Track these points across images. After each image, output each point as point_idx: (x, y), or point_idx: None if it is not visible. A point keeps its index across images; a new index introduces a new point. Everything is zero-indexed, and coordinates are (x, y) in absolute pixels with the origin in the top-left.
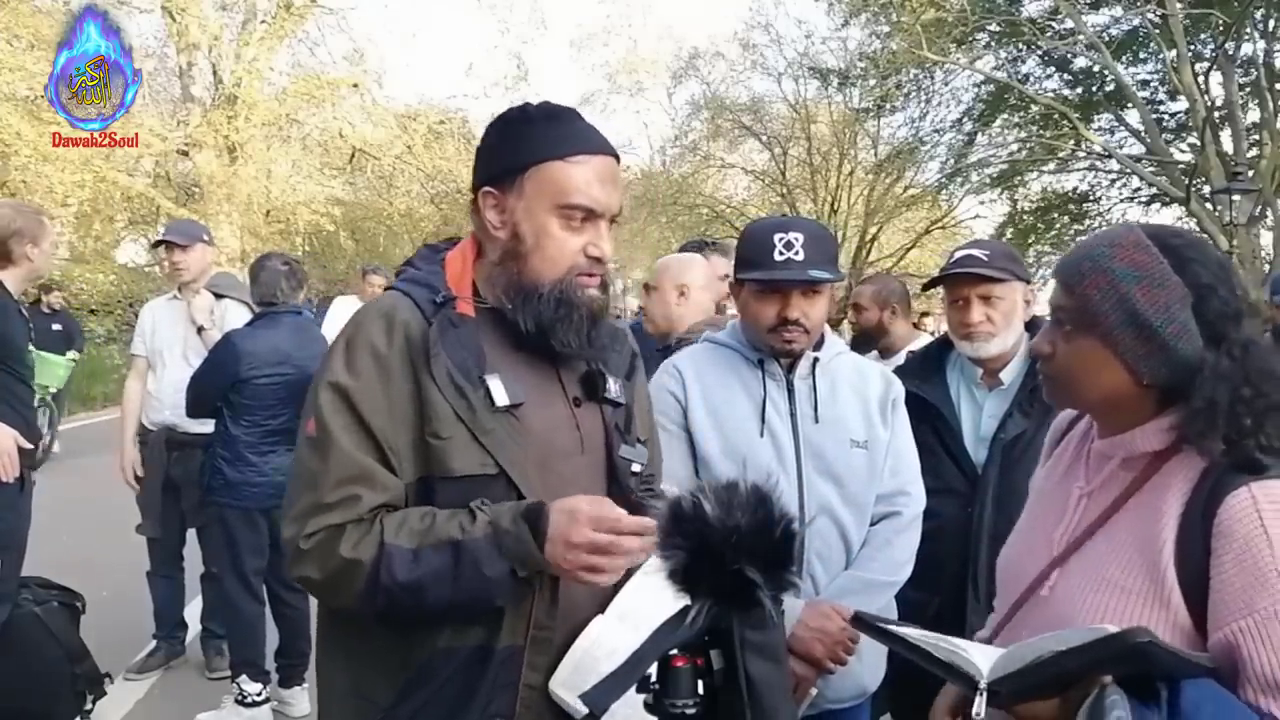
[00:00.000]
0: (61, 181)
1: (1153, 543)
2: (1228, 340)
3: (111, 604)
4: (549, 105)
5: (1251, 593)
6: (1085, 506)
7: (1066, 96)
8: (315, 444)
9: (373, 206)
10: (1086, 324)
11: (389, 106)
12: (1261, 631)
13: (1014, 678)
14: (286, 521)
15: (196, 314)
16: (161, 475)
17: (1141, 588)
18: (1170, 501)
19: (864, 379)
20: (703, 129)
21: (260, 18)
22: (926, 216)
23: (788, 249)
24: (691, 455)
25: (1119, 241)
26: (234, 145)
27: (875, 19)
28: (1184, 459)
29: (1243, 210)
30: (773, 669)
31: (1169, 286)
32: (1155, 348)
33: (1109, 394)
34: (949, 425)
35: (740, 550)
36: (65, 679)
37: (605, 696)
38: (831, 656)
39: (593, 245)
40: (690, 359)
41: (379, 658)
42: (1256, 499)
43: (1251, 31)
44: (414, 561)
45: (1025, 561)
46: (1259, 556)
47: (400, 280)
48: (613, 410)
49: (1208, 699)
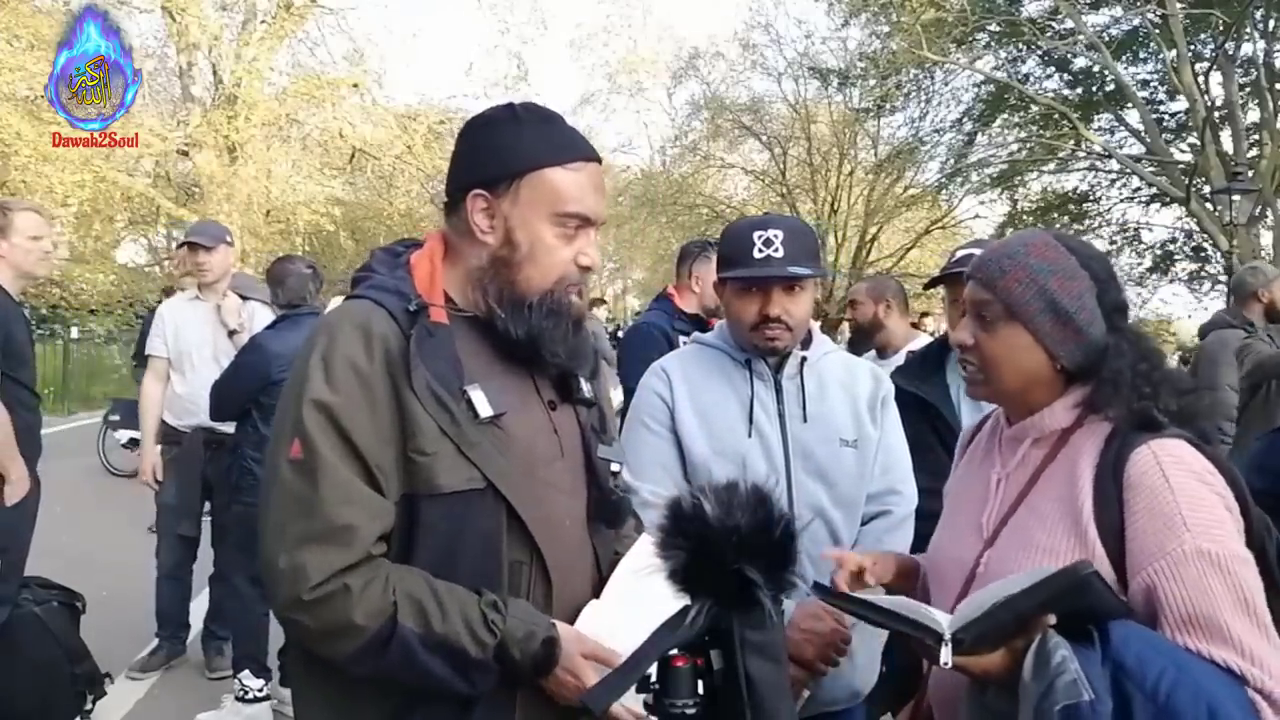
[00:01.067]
0: (61, 181)
1: (1072, 504)
2: (1121, 327)
3: (111, 604)
4: (537, 107)
5: (1162, 537)
6: (1005, 488)
7: (1066, 96)
8: (302, 467)
9: (373, 206)
10: (1009, 314)
11: (389, 106)
12: (1174, 571)
13: (975, 624)
14: (274, 547)
15: (228, 317)
16: (198, 475)
17: (1067, 547)
18: (1083, 466)
19: (853, 377)
20: (703, 129)
21: (260, 18)
22: (926, 216)
23: (767, 246)
24: (679, 457)
25: (1032, 242)
26: (234, 145)
27: (875, 19)
28: (1089, 429)
29: (1243, 210)
30: (773, 669)
31: (1079, 278)
32: (1071, 332)
33: (1029, 377)
34: (948, 425)
35: (740, 550)
36: (65, 679)
37: (605, 696)
38: (823, 658)
39: (583, 254)
40: (678, 360)
41: (363, 687)
42: (1156, 454)
43: (1251, 31)
44: (421, 650)
45: (957, 551)
46: (1165, 504)
47: (366, 287)
48: (587, 411)
49: (1133, 635)
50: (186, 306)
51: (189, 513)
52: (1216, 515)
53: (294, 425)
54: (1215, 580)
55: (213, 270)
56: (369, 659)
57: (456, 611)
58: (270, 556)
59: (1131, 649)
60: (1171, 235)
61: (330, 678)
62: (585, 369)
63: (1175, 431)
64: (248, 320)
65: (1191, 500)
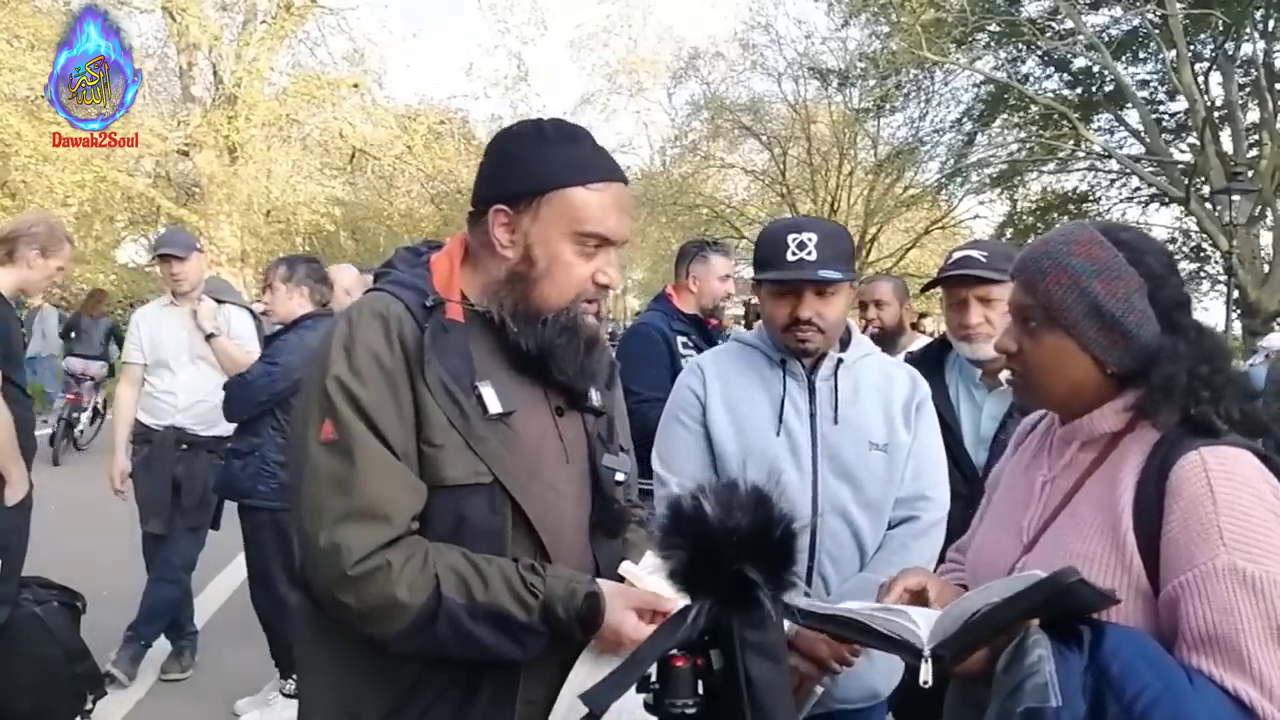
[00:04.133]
0: (61, 181)
1: (1112, 510)
2: (1180, 325)
3: (111, 604)
4: (565, 125)
5: (1194, 548)
6: (1049, 492)
7: (1066, 96)
8: (336, 447)
9: (373, 206)
10: (1051, 320)
11: (389, 107)
12: (1199, 586)
13: (955, 639)
14: (312, 527)
15: (205, 321)
16: (169, 475)
17: (1103, 554)
18: (1127, 471)
19: (890, 381)
20: (703, 129)
21: (260, 18)
22: (926, 216)
23: (800, 249)
24: (710, 452)
25: (1075, 239)
26: (234, 145)
27: (875, 19)
28: (1139, 434)
29: (1242, 210)
30: (773, 669)
31: (1126, 278)
32: (1118, 336)
33: (1076, 385)
34: (949, 427)
35: (740, 550)
36: (65, 679)
37: (605, 696)
38: (836, 656)
39: (602, 272)
40: (714, 358)
41: (368, 674)
42: (1205, 460)
43: (1251, 32)
44: (469, 620)
45: (996, 553)
46: (1203, 514)
47: (386, 282)
48: (594, 419)
49: (1128, 643)
50: (161, 313)
51: (157, 511)
52: (1264, 533)
53: (322, 409)
54: (1245, 602)
55: (188, 279)
56: (417, 635)
57: (498, 578)
58: (310, 537)
59: (1121, 658)
60: (1171, 235)
61: (336, 662)
62: (597, 386)
63: (1237, 440)
64: (224, 324)
65: (1236, 513)
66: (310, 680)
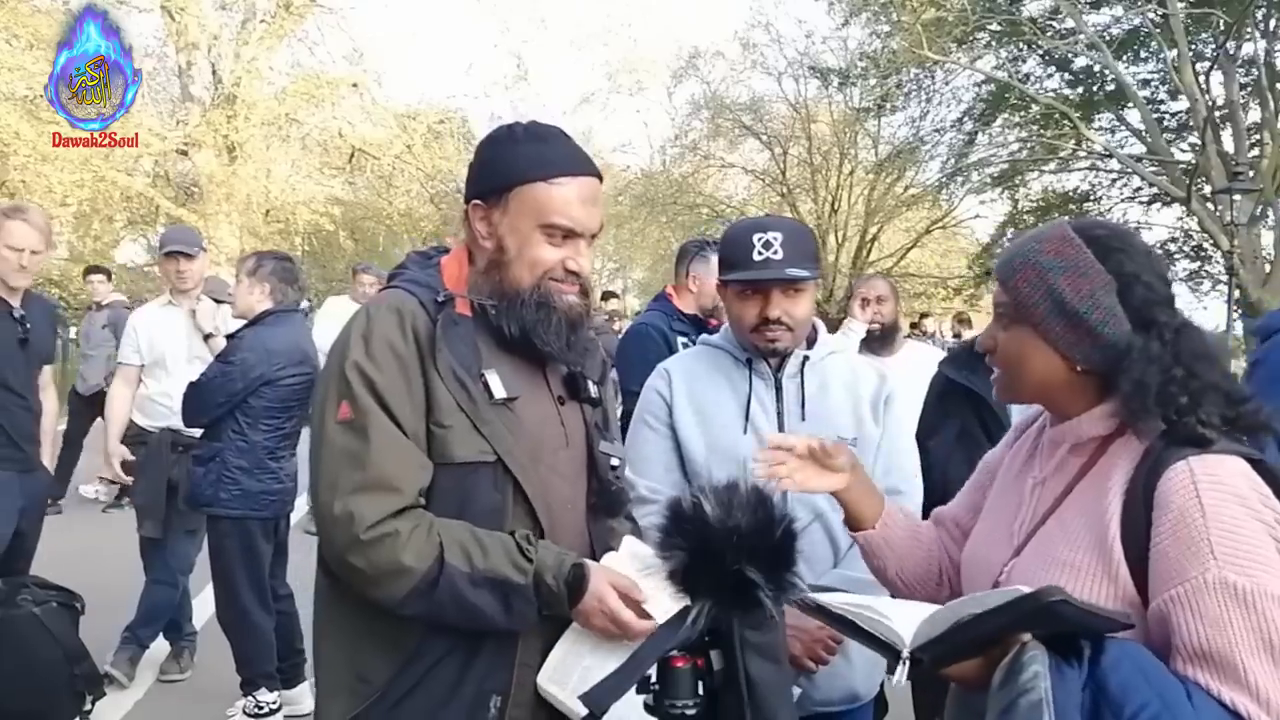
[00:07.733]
0: (61, 181)
1: (1099, 519)
2: (1158, 325)
3: (111, 604)
4: (536, 125)
5: (1184, 562)
6: (1039, 495)
7: (1067, 96)
8: (351, 425)
9: (372, 206)
10: (1020, 315)
11: (388, 106)
12: (1190, 600)
13: (935, 644)
14: (327, 496)
15: (204, 321)
16: (165, 477)
17: (1090, 564)
18: (1115, 480)
19: (857, 376)
20: (703, 129)
21: (260, 17)
22: (927, 216)
23: (766, 248)
24: (678, 454)
25: (1046, 236)
26: (233, 145)
27: (875, 18)
28: (1128, 441)
29: (1243, 210)
30: (773, 669)
31: (1092, 275)
32: (1083, 333)
33: (1044, 380)
34: (996, 418)
35: (740, 551)
36: (65, 679)
37: (605, 696)
38: (810, 655)
39: (570, 260)
40: (680, 360)
41: (377, 639)
42: (1194, 471)
43: (1252, 31)
44: (469, 587)
45: (988, 555)
46: (1193, 527)
47: (400, 281)
48: (592, 409)
49: (1128, 656)
50: (160, 313)
51: (153, 514)
52: (1254, 546)
53: (340, 391)
54: (1237, 616)
55: (193, 277)
56: (420, 599)
57: (497, 546)
58: (325, 507)
59: (1119, 674)
60: (1172, 235)
61: (348, 630)
62: (589, 368)
63: (1229, 447)
64: (222, 324)
65: (1225, 526)
66: (325, 645)
